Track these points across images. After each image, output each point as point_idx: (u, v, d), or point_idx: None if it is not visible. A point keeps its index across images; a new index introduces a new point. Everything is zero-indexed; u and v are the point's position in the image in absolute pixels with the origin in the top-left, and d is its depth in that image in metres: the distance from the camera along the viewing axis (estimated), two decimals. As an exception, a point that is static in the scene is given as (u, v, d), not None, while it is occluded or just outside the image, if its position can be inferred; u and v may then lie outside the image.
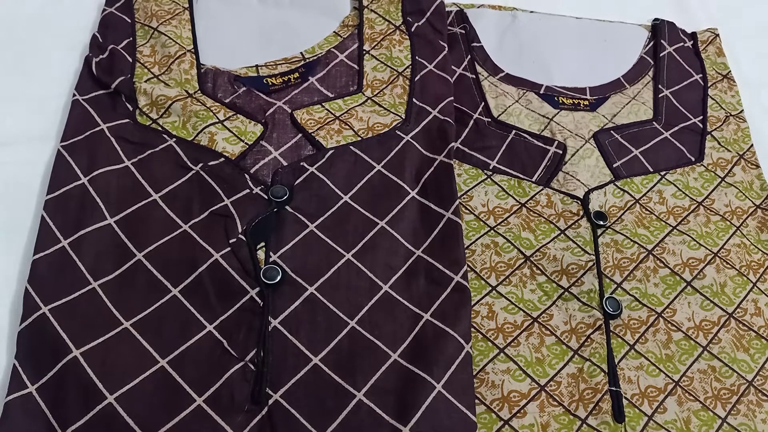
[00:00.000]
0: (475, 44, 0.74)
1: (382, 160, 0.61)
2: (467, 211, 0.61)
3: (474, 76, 0.71)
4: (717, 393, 0.54)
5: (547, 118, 0.69)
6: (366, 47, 0.69)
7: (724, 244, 0.62)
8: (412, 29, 0.71)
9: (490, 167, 0.64)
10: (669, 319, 0.57)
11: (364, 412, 0.48)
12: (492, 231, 0.60)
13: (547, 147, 0.66)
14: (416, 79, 0.67)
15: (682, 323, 0.57)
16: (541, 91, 0.72)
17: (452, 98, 0.66)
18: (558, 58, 0.75)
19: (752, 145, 0.71)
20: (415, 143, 0.62)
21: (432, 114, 0.65)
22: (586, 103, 0.71)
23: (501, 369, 0.53)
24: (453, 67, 0.70)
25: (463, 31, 0.74)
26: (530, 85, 0.72)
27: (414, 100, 0.65)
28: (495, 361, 0.53)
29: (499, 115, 0.68)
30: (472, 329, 0.54)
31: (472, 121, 0.67)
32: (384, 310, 0.53)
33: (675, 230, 0.62)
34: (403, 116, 0.64)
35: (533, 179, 0.64)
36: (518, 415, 0.51)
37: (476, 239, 0.59)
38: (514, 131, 0.67)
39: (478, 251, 0.58)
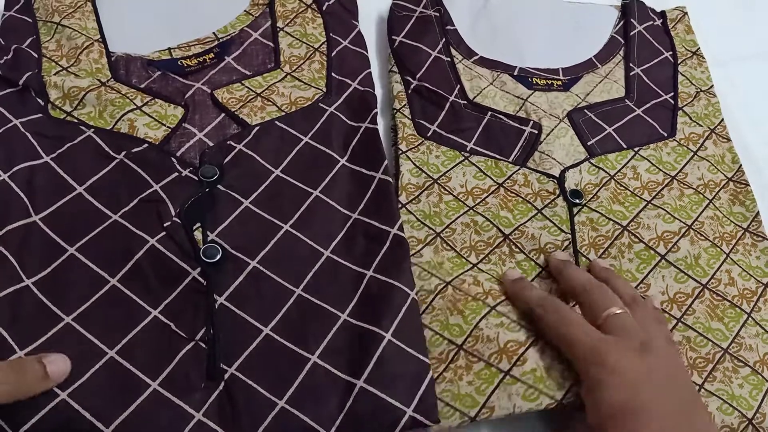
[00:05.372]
0: (449, 27, 0.74)
1: (309, 132, 0.62)
2: (446, 192, 0.61)
3: (449, 59, 0.71)
4: (693, 362, 0.55)
5: (522, 99, 0.69)
6: (279, 24, 0.70)
7: (698, 216, 0.64)
8: (324, 8, 0.72)
9: (467, 149, 0.65)
10: (643, 295, 0.58)
11: (319, 374, 0.49)
12: (471, 210, 0.61)
13: (523, 127, 0.67)
14: (333, 54, 0.68)
15: (656, 298, 0.58)
16: (515, 73, 0.72)
17: (370, 70, 0.68)
18: (531, 39, 0.76)
19: (723, 120, 0.72)
20: (339, 114, 0.63)
21: (352, 86, 0.66)
22: (560, 83, 0.72)
23: (495, 323, 0.53)
24: (428, 50, 0.71)
25: (438, 14, 0.74)
26: (504, 67, 0.73)
27: (333, 74, 0.67)
28: (487, 317, 0.53)
29: (475, 97, 0.69)
30: (461, 293, 0.54)
31: (448, 104, 0.68)
32: (328, 275, 0.54)
33: (650, 205, 0.63)
34: (324, 89, 0.65)
35: (510, 159, 0.65)
36: (518, 363, 0.51)
37: (456, 218, 0.60)
38: (489, 113, 0.67)
39: (458, 230, 0.59)
